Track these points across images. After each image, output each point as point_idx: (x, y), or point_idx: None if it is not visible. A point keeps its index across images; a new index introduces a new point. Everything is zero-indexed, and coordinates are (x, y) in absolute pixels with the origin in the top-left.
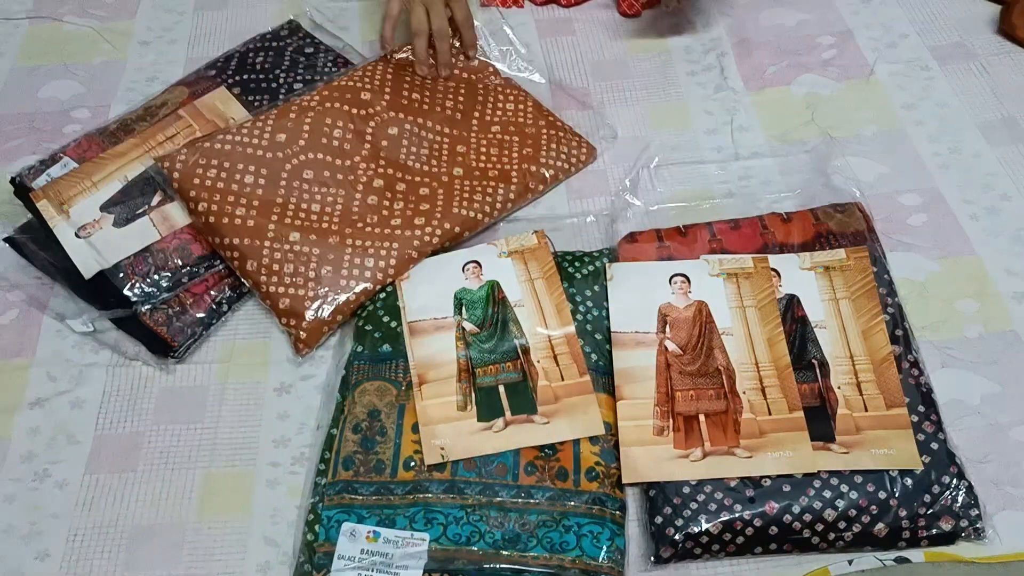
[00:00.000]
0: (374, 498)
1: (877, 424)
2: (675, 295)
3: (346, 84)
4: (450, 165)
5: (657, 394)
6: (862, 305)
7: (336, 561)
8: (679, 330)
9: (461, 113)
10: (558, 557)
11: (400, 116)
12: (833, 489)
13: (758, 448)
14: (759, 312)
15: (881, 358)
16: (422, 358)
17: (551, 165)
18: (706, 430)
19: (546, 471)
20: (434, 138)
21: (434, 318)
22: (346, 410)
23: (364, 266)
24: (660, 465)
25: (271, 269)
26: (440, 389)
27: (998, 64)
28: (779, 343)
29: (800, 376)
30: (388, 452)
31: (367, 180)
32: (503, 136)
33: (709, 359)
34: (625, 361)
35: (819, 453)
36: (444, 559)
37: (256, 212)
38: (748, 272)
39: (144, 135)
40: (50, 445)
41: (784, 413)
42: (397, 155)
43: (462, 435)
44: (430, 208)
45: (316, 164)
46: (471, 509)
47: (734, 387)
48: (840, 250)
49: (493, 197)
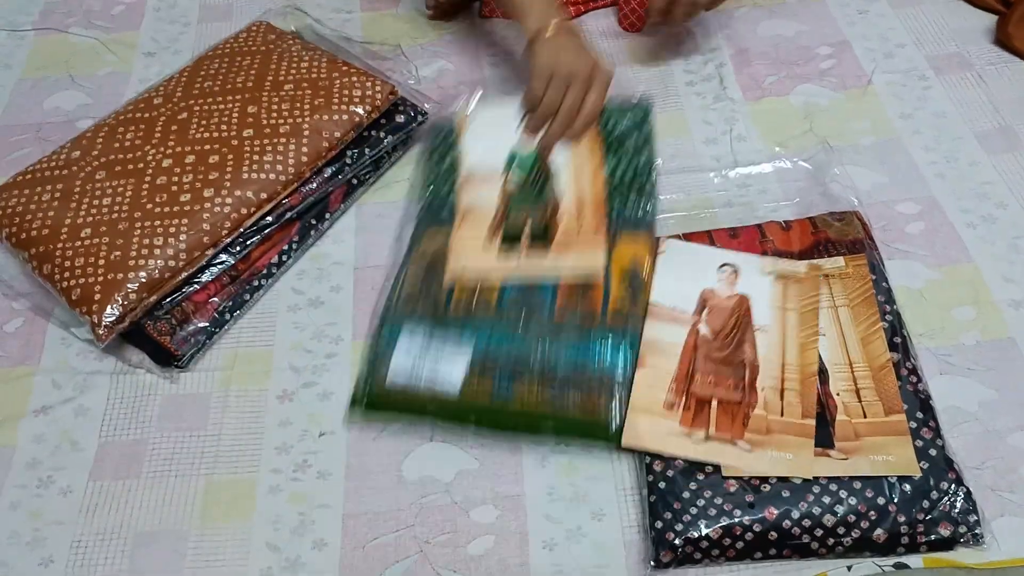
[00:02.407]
0: (429, 315)
1: (876, 431)
2: (720, 283)
3: (139, 97)
4: (240, 127)
5: (678, 370)
6: (861, 312)
7: (394, 360)
8: (716, 316)
9: (254, 80)
10: (581, 360)
11: (191, 103)
12: (832, 495)
13: (761, 444)
14: (799, 316)
15: (879, 365)
16: (468, 203)
17: (344, 110)
18: (715, 416)
19: (578, 304)
20: (225, 108)
21: (486, 172)
22: (412, 251)
23: (154, 245)
24: (662, 438)
25: (63, 267)
26: (475, 229)
27: (995, 74)
28: (810, 350)
29: None
30: (445, 280)
31: (156, 163)
32: (295, 91)
33: (738, 350)
34: (656, 332)
35: (818, 459)
36: (482, 361)
37: (51, 221)
38: (799, 278)
39: None
40: (54, 452)
41: (796, 418)
42: (187, 133)
43: (483, 263)
44: (219, 177)
45: (108, 165)
46: (510, 322)
47: (755, 383)
48: (839, 258)
49: (284, 156)
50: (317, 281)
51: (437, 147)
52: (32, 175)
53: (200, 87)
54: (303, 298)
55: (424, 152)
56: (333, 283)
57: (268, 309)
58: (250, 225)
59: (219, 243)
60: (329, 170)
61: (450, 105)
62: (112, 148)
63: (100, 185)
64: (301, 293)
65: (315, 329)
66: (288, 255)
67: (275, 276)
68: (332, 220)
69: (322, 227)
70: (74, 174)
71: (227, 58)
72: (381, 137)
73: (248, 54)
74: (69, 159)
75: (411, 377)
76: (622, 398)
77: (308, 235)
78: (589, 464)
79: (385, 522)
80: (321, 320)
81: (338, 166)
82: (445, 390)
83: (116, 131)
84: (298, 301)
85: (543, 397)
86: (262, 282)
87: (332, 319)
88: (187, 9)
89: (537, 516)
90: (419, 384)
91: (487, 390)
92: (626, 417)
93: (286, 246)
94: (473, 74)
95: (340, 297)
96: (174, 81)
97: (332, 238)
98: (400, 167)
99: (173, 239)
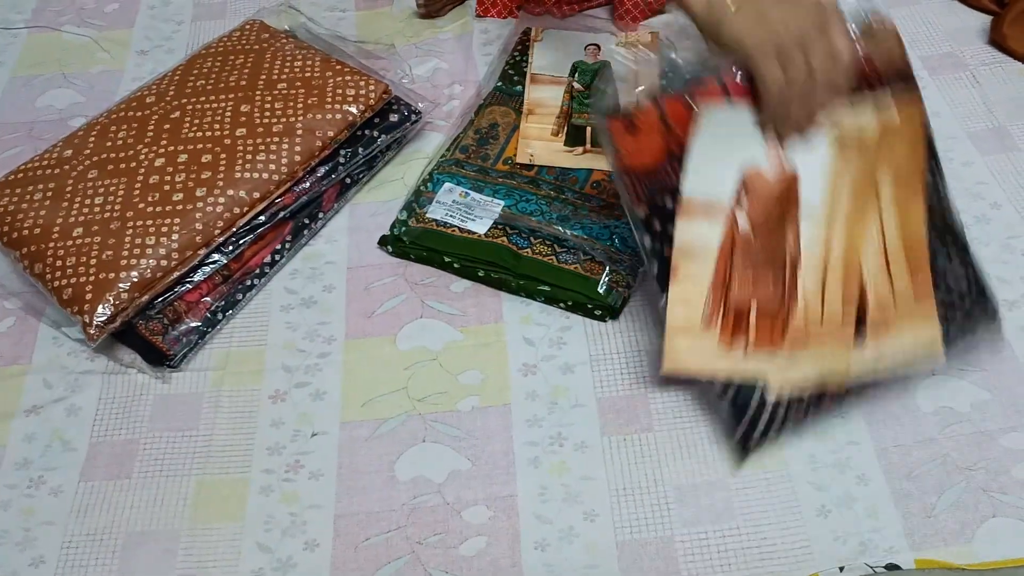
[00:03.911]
0: (474, 173)
1: (905, 316)
2: (766, 159)
3: (132, 96)
4: (233, 126)
5: (714, 276)
6: (906, 178)
7: (433, 204)
8: (757, 202)
9: (247, 79)
10: (592, 240)
11: (183, 102)
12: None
13: (797, 352)
14: (852, 194)
15: (915, 237)
16: (535, 99)
17: (337, 110)
18: (754, 329)
19: (606, 191)
20: (218, 107)
21: (552, 75)
22: (474, 120)
23: (146, 245)
24: (704, 359)
25: (55, 266)
26: (543, 120)
27: (989, 74)
28: (859, 239)
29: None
30: (495, 149)
31: (148, 162)
32: (288, 90)
33: (780, 240)
34: (688, 233)
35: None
36: (508, 219)
37: (43, 220)
38: (862, 143)
39: None
40: (45, 452)
41: (837, 319)
42: (180, 132)
43: (549, 151)
44: (211, 176)
45: (100, 163)
46: (541, 195)
47: (795, 282)
48: (890, 108)
49: (277, 155)
50: (310, 281)
51: (517, 45)
52: (24, 174)
53: (193, 86)
54: (296, 298)
55: (503, 47)
56: (326, 283)
57: (261, 309)
58: (243, 224)
59: (212, 242)
60: (322, 169)
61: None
62: (104, 147)
63: (92, 184)
64: (294, 293)
65: (308, 329)
66: (281, 254)
67: (268, 276)
68: (325, 220)
69: (315, 226)
70: (66, 173)
71: (220, 57)
72: (375, 136)
73: (241, 53)
74: (61, 158)
75: (446, 215)
76: (619, 275)
77: (301, 234)
78: (582, 464)
79: (377, 523)
80: (314, 320)
81: (331, 165)
82: (471, 230)
83: (108, 130)
84: (291, 301)
85: (554, 252)
86: (255, 282)
87: (325, 319)
88: (181, 7)
89: (529, 516)
90: (450, 222)
91: (507, 240)
92: (664, 341)
93: (279, 245)
94: (467, 73)
95: (333, 297)
96: (167, 80)
97: (325, 237)
98: (394, 166)
99: (165, 238)
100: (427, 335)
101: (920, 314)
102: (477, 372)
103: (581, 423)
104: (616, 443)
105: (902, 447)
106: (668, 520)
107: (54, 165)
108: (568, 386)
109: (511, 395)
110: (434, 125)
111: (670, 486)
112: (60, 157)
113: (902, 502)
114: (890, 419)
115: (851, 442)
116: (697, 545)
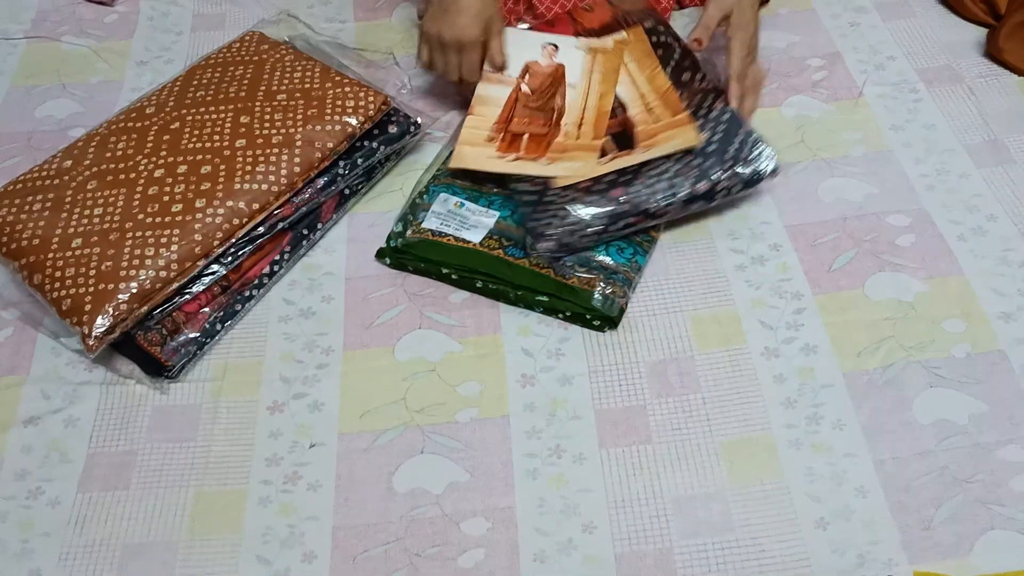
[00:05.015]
0: (469, 184)
1: (666, 128)
2: (542, 57)
3: (131, 106)
4: (233, 137)
5: (500, 116)
6: (644, 63)
7: (429, 214)
8: (535, 78)
9: (247, 90)
10: (588, 250)
11: (183, 113)
12: (657, 176)
13: (556, 160)
14: (602, 75)
15: (664, 90)
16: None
17: (337, 121)
18: (525, 144)
19: None
20: (217, 118)
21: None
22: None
23: (145, 256)
24: (483, 160)
25: (54, 277)
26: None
27: (985, 86)
28: (606, 97)
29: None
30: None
31: (148, 173)
32: (288, 102)
33: (550, 100)
34: (486, 91)
35: (616, 160)
36: (503, 230)
37: (42, 230)
38: (605, 50)
39: None
40: (43, 463)
41: (588, 141)
42: (179, 143)
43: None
44: (211, 187)
45: (99, 174)
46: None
47: (559, 121)
48: (622, 32)
49: (277, 166)
50: (308, 291)
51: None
52: (23, 184)
53: (192, 97)
54: (294, 308)
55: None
56: (324, 293)
57: (259, 319)
58: (242, 235)
59: (210, 253)
60: (321, 180)
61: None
62: (104, 157)
63: (91, 195)
64: (292, 303)
65: (306, 340)
66: (279, 265)
67: (266, 286)
68: (324, 230)
69: (314, 237)
70: (65, 183)
71: (220, 68)
72: (374, 147)
73: (241, 64)
74: (60, 168)
75: (441, 225)
76: (616, 286)
77: (300, 245)
78: (580, 476)
79: (375, 534)
80: (312, 331)
81: (330, 176)
82: (466, 239)
83: (108, 140)
84: (289, 311)
85: (548, 267)
86: (253, 292)
87: (323, 329)
88: (180, 18)
89: (528, 529)
90: (446, 231)
91: (501, 249)
92: (454, 149)
93: (277, 256)
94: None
95: (331, 308)
96: (166, 90)
97: (324, 248)
98: (392, 177)
99: (164, 249)
100: (425, 346)
101: (677, 124)
102: (475, 383)
103: (579, 435)
104: (614, 455)
105: (900, 459)
106: (666, 532)
107: (53, 176)
108: (566, 397)
109: (509, 406)
110: (432, 136)
111: (668, 498)
112: (59, 168)
113: (900, 514)
114: (888, 431)
115: (849, 454)
116: (695, 557)
